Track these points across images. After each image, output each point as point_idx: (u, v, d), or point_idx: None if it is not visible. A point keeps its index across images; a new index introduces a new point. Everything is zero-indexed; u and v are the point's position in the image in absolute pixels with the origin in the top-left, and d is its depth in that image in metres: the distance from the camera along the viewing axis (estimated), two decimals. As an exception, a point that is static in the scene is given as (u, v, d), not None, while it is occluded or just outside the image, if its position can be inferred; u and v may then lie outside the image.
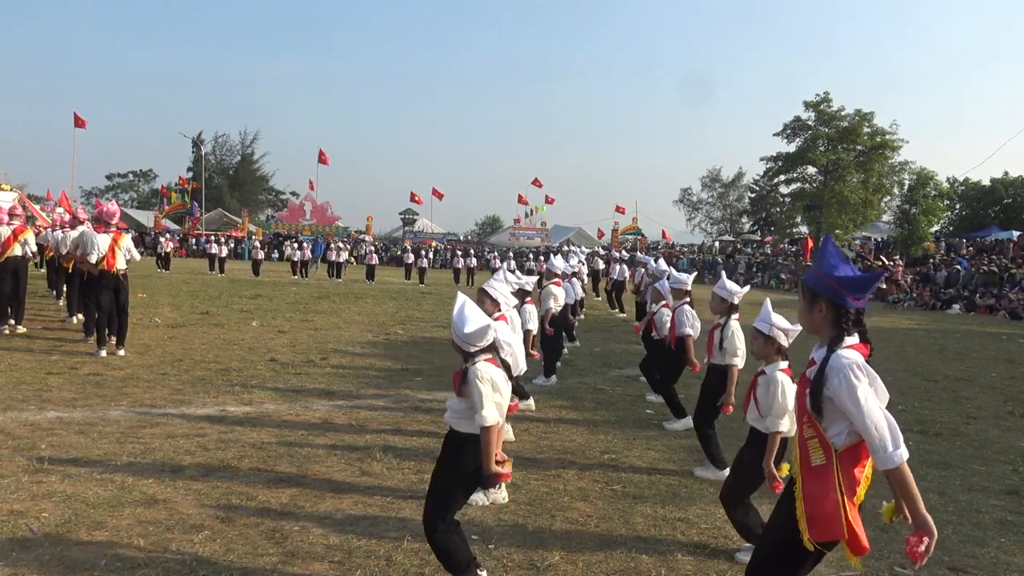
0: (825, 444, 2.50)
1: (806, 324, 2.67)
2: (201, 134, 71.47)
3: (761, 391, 3.96)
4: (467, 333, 3.24)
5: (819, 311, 2.58)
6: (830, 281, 2.56)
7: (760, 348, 4.07)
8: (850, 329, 2.53)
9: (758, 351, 4.09)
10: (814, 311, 2.59)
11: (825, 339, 2.57)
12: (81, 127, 44.46)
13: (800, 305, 2.68)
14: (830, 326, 2.55)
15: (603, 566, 3.81)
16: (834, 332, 2.53)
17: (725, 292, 5.46)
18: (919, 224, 34.36)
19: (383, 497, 4.64)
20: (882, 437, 2.37)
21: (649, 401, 7.97)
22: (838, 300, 2.53)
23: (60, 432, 5.67)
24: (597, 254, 29.38)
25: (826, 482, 2.47)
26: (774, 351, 4.03)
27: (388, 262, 46.84)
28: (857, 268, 2.68)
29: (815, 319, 2.60)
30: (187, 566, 3.56)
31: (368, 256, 31.48)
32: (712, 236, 64.61)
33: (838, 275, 2.55)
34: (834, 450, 2.48)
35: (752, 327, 4.21)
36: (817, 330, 2.61)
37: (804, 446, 2.57)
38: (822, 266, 2.61)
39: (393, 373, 9.05)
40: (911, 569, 3.93)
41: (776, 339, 4.02)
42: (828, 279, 2.56)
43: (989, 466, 6.02)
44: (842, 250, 2.74)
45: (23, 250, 10.66)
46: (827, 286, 2.56)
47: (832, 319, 2.55)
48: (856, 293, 2.54)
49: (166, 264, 29.61)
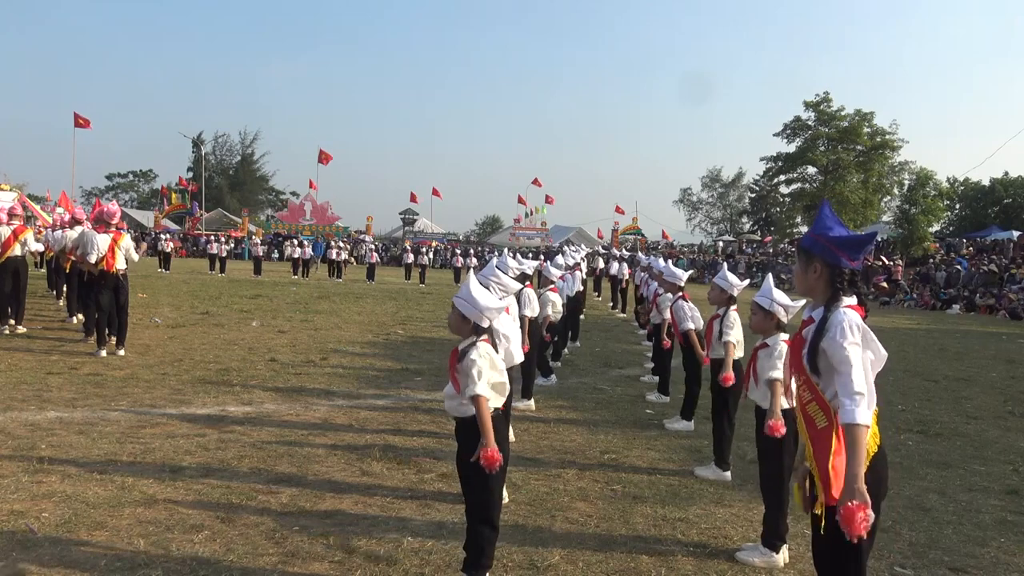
0: (824, 405, 2.51)
1: (801, 285, 2.71)
2: (201, 134, 71.58)
3: (762, 362, 3.97)
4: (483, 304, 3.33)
5: (814, 272, 2.62)
6: (824, 241, 2.61)
7: (759, 322, 4.08)
8: (846, 289, 2.56)
9: (756, 325, 4.11)
10: (809, 272, 2.64)
11: (821, 299, 2.60)
12: (84, 127, 44.41)
13: (796, 268, 2.74)
14: (825, 286, 2.59)
15: (603, 566, 3.81)
16: (829, 292, 2.57)
17: (725, 283, 5.49)
18: (919, 224, 34.37)
19: (383, 497, 4.64)
20: (855, 391, 2.38)
21: (649, 401, 7.98)
22: (832, 260, 2.58)
23: (60, 432, 5.67)
24: (597, 252, 29.36)
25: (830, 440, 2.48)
26: (773, 327, 4.05)
27: (388, 262, 46.83)
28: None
29: (810, 280, 2.65)
30: (187, 566, 3.55)
31: (368, 256, 31.47)
32: (712, 236, 64.63)
33: (833, 235, 2.60)
34: (834, 411, 2.48)
35: (752, 301, 4.22)
36: (812, 291, 2.65)
37: (804, 413, 2.59)
38: (816, 228, 2.66)
39: (393, 373, 9.05)
40: (911, 569, 3.93)
41: (776, 314, 4.04)
42: (822, 239, 2.61)
43: (989, 466, 6.02)
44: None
45: (23, 250, 10.66)
46: (822, 246, 2.61)
47: (828, 279, 2.59)
48: (850, 252, 2.58)
49: (166, 264, 29.61)
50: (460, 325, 3.40)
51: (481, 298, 3.37)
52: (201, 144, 68.87)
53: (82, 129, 44.66)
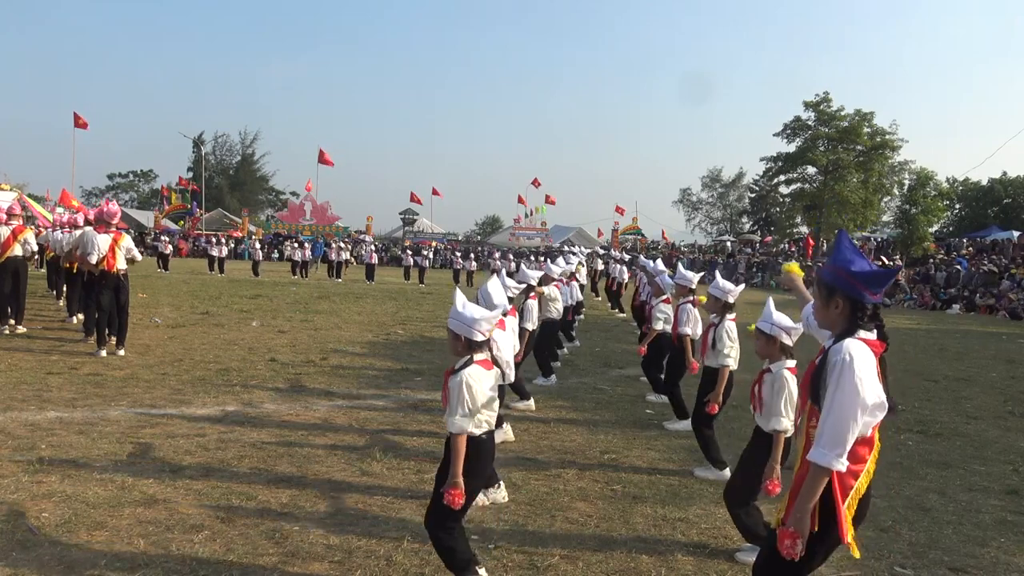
0: None
1: (822, 319, 2.65)
2: (202, 134, 71.57)
3: (767, 389, 3.95)
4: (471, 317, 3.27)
5: (835, 307, 2.56)
6: (846, 276, 2.54)
7: (762, 347, 4.07)
8: (866, 324, 2.51)
9: (760, 350, 4.09)
10: (830, 307, 2.58)
11: (838, 333, 2.55)
12: (83, 127, 44.41)
13: (816, 301, 2.67)
14: (845, 321, 2.54)
15: (603, 566, 3.81)
16: (848, 326, 2.52)
17: (719, 291, 5.48)
18: (919, 224, 34.38)
19: (383, 497, 4.64)
20: (833, 433, 2.37)
21: (649, 401, 7.97)
22: (855, 295, 2.52)
23: (60, 432, 5.67)
24: (597, 254, 29.36)
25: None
26: (777, 350, 4.02)
27: (388, 262, 46.82)
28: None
29: (831, 315, 2.58)
30: (187, 566, 3.56)
31: (368, 256, 31.46)
32: (712, 236, 64.63)
33: (855, 270, 2.53)
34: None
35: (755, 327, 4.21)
36: (833, 325, 2.60)
37: (808, 436, 2.57)
38: (837, 260, 2.58)
39: (393, 373, 9.05)
40: (911, 569, 3.93)
41: (778, 338, 4.01)
42: (844, 274, 2.54)
43: (989, 466, 6.02)
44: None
45: (23, 250, 10.66)
46: (844, 281, 2.54)
47: (848, 314, 2.53)
48: (873, 288, 2.52)
49: (166, 264, 29.61)
50: (453, 344, 3.35)
51: (467, 311, 3.30)
52: (201, 144, 68.86)
53: (83, 130, 44.65)
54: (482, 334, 3.29)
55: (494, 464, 4.52)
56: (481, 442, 3.29)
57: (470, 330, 3.28)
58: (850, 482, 2.47)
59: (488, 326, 3.32)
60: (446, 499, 3.14)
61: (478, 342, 3.30)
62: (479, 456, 3.28)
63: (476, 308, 3.37)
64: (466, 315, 3.29)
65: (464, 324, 3.28)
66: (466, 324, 3.28)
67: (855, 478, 2.48)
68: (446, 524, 3.29)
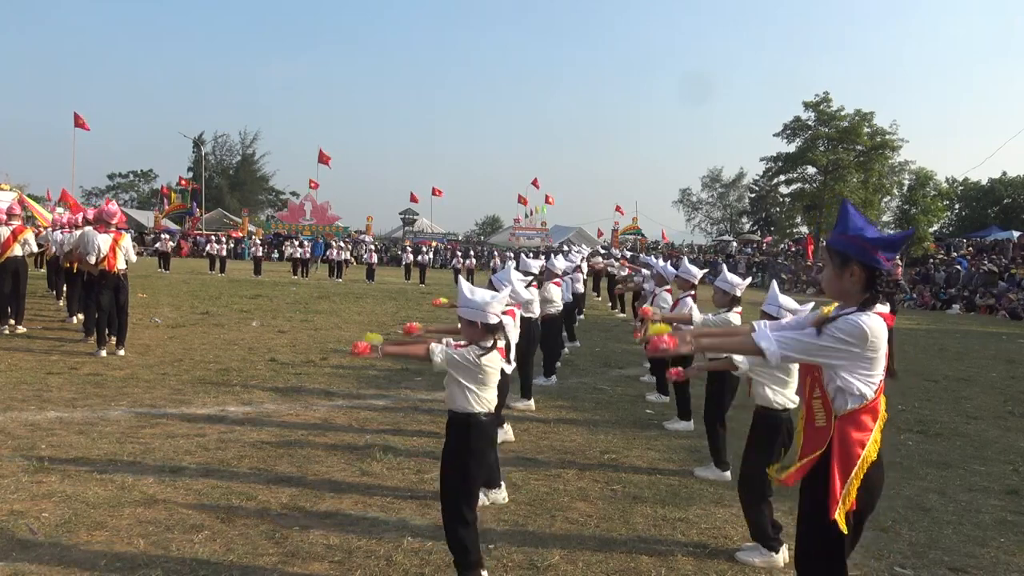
0: (827, 406, 2.51)
1: (835, 290, 2.56)
2: (202, 134, 71.58)
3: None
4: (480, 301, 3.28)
5: (850, 275, 2.50)
6: (862, 242, 2.48)
7: None
8: (883, 294, 2.47)
9: None
10: (845, 275, 2.51)
11: (854, 303, 2.49)
12: (83, 128, 44.40)
13: (827, 272, 2.59)
14: (862, 290, 2.49)
15: (603, 566, 3.81)
16: (866, 295, 2.47)
17: (727, 285, 5.50)
18: (919, 224, 34.39)
19: (383, 497, 4.64)
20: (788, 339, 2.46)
21: (649, 401, 7.98)
22: (871, 262, 2.46)
23: (60, 432, 5.67)
24: (597, 252, 29.35)
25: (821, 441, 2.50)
26: None
27: (388, 262, 46.82)
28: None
29: (845, 284, 2.51)
30: (187, 566, 3.56)
31: (368, 256, 31.47)
32: (712, 236, 64.63)
33: (870, 236, 2.48)
34: (835, 415, 2.48)
35: (761, 310, 4.23)
36: (846, 295, 2.53)
37: (810, 406, 2.59)
38: (850, 228, 2.52)
39: (393, 373, 9.05)
40: (911, 569, 3.93)
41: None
42: (860, 240, 2.49)
43: (989, 466, 6.02)
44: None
45: (23, 250, 10.66)
46: (859, 247, 2.48)
47: (864, 282, 2.48)
48: (888, 253, 2.49)
49: (166, 264, 29.62)
50: (470, 332, 3.34)
51: (476, 295, 3.32)
52: (201, 144, 68.86)
53: (83, 130, 44.64)
54: (496, 315, 3.30)
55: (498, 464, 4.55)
56: (482, 423, 3.31)
57: (484, 314, 3.28)
58: (857, 451, 2.47)
59: (499, 307, 3.32)
60: (353, 349, 3.29)
61: (494, 324, 3.30)
62: (481, 436, 3.31)
63: (485, 292, 3.38)
64: (476, 300, 3.29)
65: (477, 309, 3.28)
66: (479, 309, 3.28)
67: (862, 447, 2.47)
68: (462, 512, 3.30)
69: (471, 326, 3.33)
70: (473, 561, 3.35)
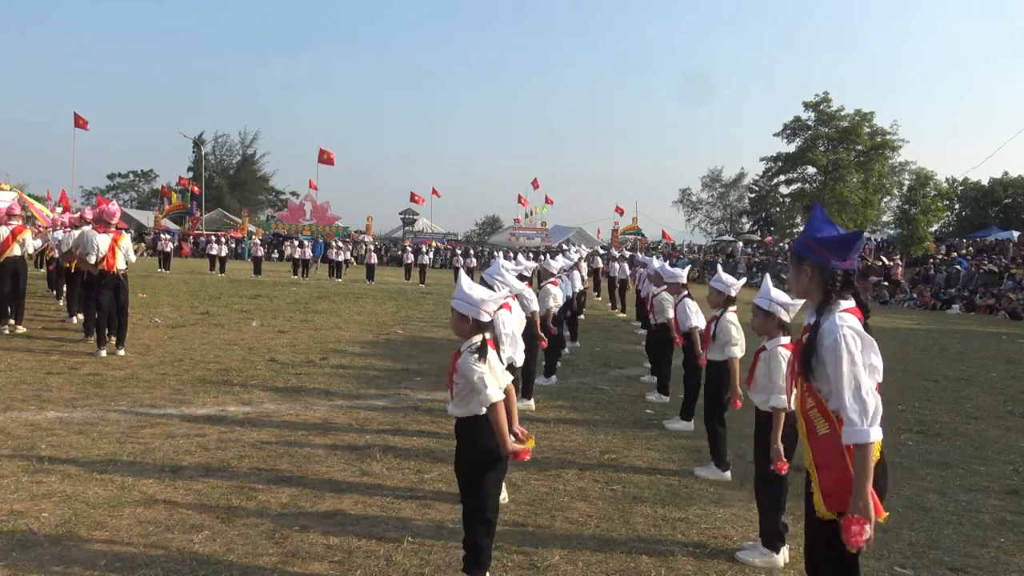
0: (825, 412, 2.48)
1: (797, 288, 2.72)
2: (202, 134, 71.59)
3: (762, 368, 3.98)
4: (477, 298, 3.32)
5: (806, 275, 2.63)
6: (812, 243, 2.61)
7: (760, 324, 4.10)
8: (838, 291, 2.54)
9: (758, 327, 4.13)
10: (801, 275, 2.65)
11: (815, 302, 2.60)
12: (82, 127, 44.42)
13: (790, 271, 2.74)
14: (817, 289, 2.59)
15: (603, 566, 3.81)
16: (822, 295, 2.57)
17: (722, 285, 5.51)
18: (919, 224, 34.38)
19: (383, 497, 4.64)
20: (858, 410, 2.36)
21: (649, 401, 7.98)
22: (821, 261, 2.57)
23: (60, 432, 5.67)
24: (597, 252, 29.35)
25: (833, 450, 2.45)
26: (775, 326, 4.06)
27: (388, 262, 46.82)
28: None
29: (802, 283, 2.66)
30: (187, 566, 3.56)
31: (368, 256, 31.47)
32: (712, 236, 64.65)
33: (819, 236, 2.60)
34: (836, 419, 2.45)
35: (752, 303, 4.24)
36: (808, 294, 2.65)
37: (807, 417, 2.56)
38: (806, 230, 2.67)
39: (393, 373, 9.05)
40: (911, 569, 3.93)
41: (776, 314, 4.05)
42: (810, 241, 2.62)
43: (989, 466, 6.02)
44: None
45: (22, 250, 10.66)
46: (810, 248, 2.62)
47: (819, 281, 2.58)
48: (837, 253, 2.56)
49: (167, 263, 29.61)
50: (460, 325, 3.39)
51: (474, 292, 3.37)
52: (201, 144, 68.86)
53: (83, 130, 44.65)
54: (488, 314, 3.35)
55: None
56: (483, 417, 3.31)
57: (477, 310, 3.33)
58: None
59: (493, 306, 3.38)
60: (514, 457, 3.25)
61: (484, 322, 3.35)
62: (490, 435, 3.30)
63: (482, 289, 3.44)
64: (473, 296, 3.35)
65: (471, 305, 3.34)
66: (473, 304, 3.33)
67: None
68: (485, 515, 3.33)
69: (462, 320, 3.37)
70: (482, 562, 3.37)
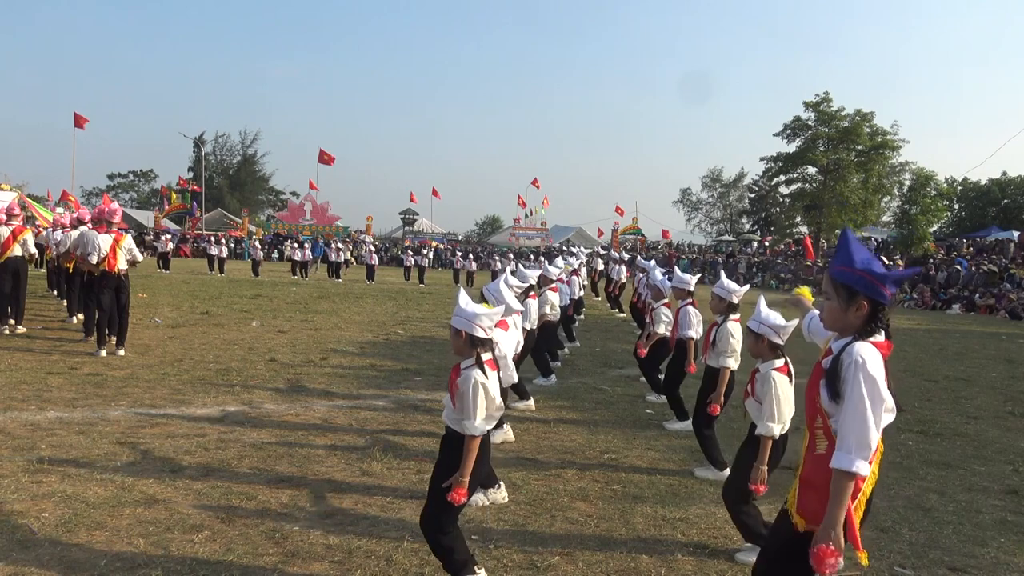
0: (829, 434, 2.46)
1: (839, 324, 2.49)
2: (202, 134, 71.61)
3: (757, 389, 3.97)
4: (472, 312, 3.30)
5: (857, 309, 2.43)
6: (870, 277, 2.41)
7: (752, 346, 4.08)
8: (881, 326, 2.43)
9: (750, 348, 4.12)
10: (851, 310, 2.43)
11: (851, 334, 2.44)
12: (81, 127, 44.41)
13: (832, 305, 2.49)
14: (864, 323, 2.43)
15: (603, 566, 3.81)
16: (867, 328, 2.42)
17: (724, 291, 5.49)
18: (919, 224, 34.37)
19: (383, 497, 4.64)
20: (856, 437, 2.30)
21: (649, 401, 7.97)
22: (878, 296, 2.41)
23: (60, 432, 5.67)
24: (597, 254, 29.36)
25: (824, 472, 2.42)
26: (767, 349, 4.03)
27: (388, 262, 46.82)
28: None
29: (851, 318, 2.44)
30: (187, 566, 3.56)
31: (368, 256, 31.46)
32: (712, 236, 64.63)
33: (878, 271, 2.42)
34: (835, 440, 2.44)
35: (744, 325, 4.23)
36: (849, 329, 2.45)
37: (812, 434, 2.54)
38: (856, 262, 2.43)
39: (393, 373, 9.05)
40: (911, 569, 3.93)
41: (766, 336, 4.01)
42: (868, 275, 2.41)
43: (989, 466, 6.02)
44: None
45: (23, 250, 10.66)
46: (867, 283, 2.41)
47: (869, 316, 2.43)
48: (895, 288, 2.46)
49: (167, 263, 29.61)
50: (456, 341, 3.36)
51: (469, 307, 3.34)
52: (201, 144, 68.88)
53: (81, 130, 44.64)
54: (484, 330, 3.32)
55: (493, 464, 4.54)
56: (481, 441, 3.30)
57: (471, 325, 3.30)
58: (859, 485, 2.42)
59: (490, 322, 3.35)
60: (450, 496, 3.15)
61: (480, 338, 3.32)
62: (480, 453, 3.29)
63: (478, 306, 3.40)
64: (468, 311, 3.33)
65: (466, 319, 3.31)
66: (468, 319, 3.31)
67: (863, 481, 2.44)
68: (444, 527, 3.30)
69: (457, 335, 3.34)
70: (460, 561, 3.33)
